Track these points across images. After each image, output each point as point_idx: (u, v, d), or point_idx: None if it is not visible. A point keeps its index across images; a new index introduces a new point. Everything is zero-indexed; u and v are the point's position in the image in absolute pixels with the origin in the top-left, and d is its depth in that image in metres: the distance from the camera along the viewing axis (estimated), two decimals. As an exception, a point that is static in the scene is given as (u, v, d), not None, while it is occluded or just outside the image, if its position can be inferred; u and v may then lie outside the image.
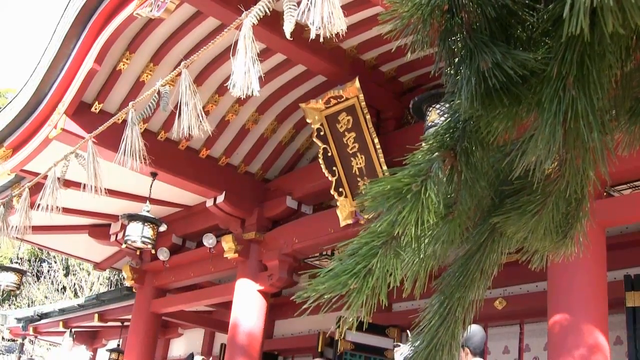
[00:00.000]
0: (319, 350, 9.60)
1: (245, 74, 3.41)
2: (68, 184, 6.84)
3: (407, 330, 9.18)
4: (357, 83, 6.87)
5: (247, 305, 8.67)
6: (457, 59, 1.16)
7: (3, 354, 28.99)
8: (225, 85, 3.61)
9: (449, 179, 1.16)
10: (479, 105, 1.11)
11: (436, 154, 1.16)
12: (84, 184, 4.70)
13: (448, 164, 1.17)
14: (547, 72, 1.03)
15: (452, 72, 1.19)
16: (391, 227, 1.10)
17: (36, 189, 5.47)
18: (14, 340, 22.44)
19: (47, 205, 4.97)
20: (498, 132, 1.13)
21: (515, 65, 1.04)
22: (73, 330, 11.88)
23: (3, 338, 25.36)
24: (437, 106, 5.84)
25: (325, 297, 1.09)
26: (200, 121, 3.95)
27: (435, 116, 5.80)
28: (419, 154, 1.18)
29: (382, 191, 1.11)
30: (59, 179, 5.17)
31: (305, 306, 1.10)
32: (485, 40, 1.07)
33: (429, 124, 5.85)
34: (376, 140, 7.02)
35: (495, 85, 1.08)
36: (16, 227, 5.60)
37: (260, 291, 8.71)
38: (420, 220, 1.09)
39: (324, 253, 9.07)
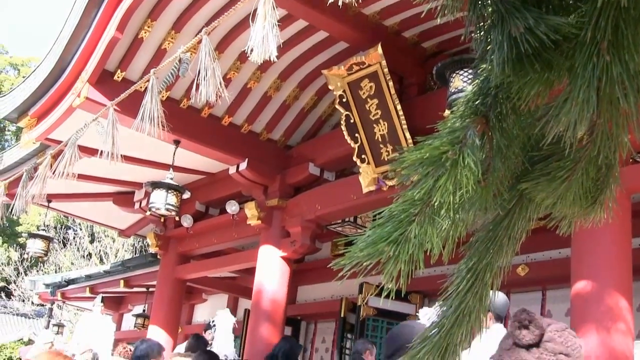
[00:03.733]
0: (342, 315, 9.69)
1: (263, 39, 3.40)
2: (92, 152, 6.91)
3: (429, 296, 9.23)
4: (379, 49, 6.82)
5: (271, 271, 8.74)
6: (487, 24, 1.15)
7: (33, 319, 29.55)
8: (246, 52, 3.60)
9: (481, 145, 1.16)
10: (510, 71, 1.10)
11: (468, 120, 1.15)
12: (101, 151, 4.74)
13: (480, 131, 1.16)
14: (580, 37, 1.02)
15: (482, 37, 1.18)
16: (428, 195, 1.10)
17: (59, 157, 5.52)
18: (43, 305, 22.86)
19: (64, 172, 5.02)
20: (530, 97, 1.12)
21: (548, 30, 1.03)
22: (102, 296, 12.06)
23: (33, 303, 25.85)
24: (461, 72, 5.78)
25: (364, 264, 1.10)
26: (219, 88, 3.96)
27: (459, 82, 5.75)
28: (449, 121, 1.18)
29: (419, 159, 1.11)
30: (79, 146, 5.21)
31: (341, 273, 1.11)
32: (516, 5, 1.06)
33: (453, 90, 5.80)
34: (399, 107, 6.99)
35: (527, 51, 1.07)
36: (33, 194, 5.67)
37: (283, 257, 8.77)
38: (458, 188, 1.09)
39: (347, 220, 9.09)
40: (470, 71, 5.65)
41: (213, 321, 9.24)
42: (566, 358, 1.71)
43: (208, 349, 7.26)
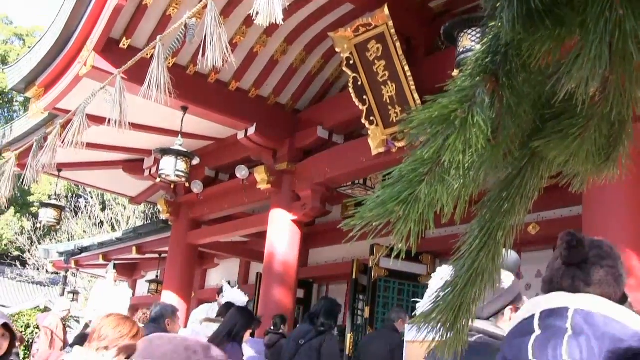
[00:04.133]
0: (354, 277, 9.75)
1: (268, 2, 3.37)
2: (100, 120, 6.91)
3: (440, 257, 9.26)
4: (386, 10, 6.75)
5: (282, 234, 8.79)
6: (497, -20, 1.13)
7: (49, 286, 29.91)
8: (252, 16, 3.57)
9: (491, 104, 1.14)
10: (520, 28, 1.09)
11: (477, 78, 1.14)
12: (109, 119, 4.74)
13: (490, 89, 1.15)
14: (592, -9, 1.01)
15: (492, -6, 1.16)
16: (437, 154, 1.09)
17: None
18: (57, 273, 23.11)
19: (73, 141, 5.02)
20: (540, 54, 1.11)
21: (559, -15, 1.02)
22: (115, 263, 12.19)
23: (47, 271, 26.14)
24: (469, 31, 5.71)
25: (373, 224, 1.09)
26: (226, 53, 3.93)
27: (467, 42, 5.69)
28: (459, 79, 1.17)
29: (428, 118, 1.10)
30: (87, 115, 5.21)
31: (351, 234, 1.11)
32: (526, -40, 1.04)
33: (461, 50, 5.74)
34: (406, 68, 6.94)
35: (538, 7, 1.05)
36: (43, 163, 5.68)
37: (294, 221, 8.80)
38: (467, 147, 1.09)
39: (357, 182, 9.10)
40: (478, 30, 5.59)
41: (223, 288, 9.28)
42: (611, 270, 1.92)
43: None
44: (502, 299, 2.75)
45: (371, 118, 7.40)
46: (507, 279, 2.77)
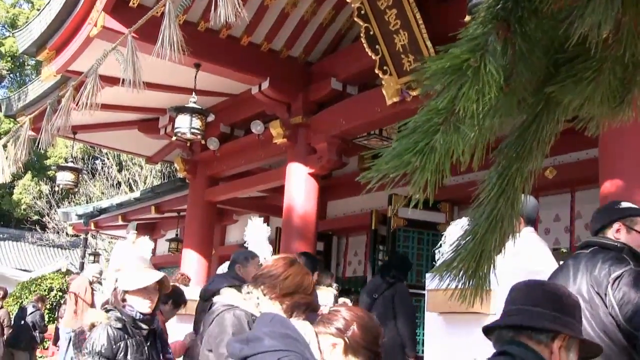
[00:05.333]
0: (373, 227, 9.80)
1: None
2: (113, 81, 6.90)
3: (459, 205, 9.28)
4: (395, -44, 6.66)
5: (299, 188, 8.82)
6: None
7: (69, 249, 30.25)
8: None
9: (503, 51, 1.15)
10: (531, -27, 1.09)
11: (489, 26, 1.14)
12: (122, 79, 4.75)
13: (502, 36, 1.15)
14: None
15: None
16: (452, 104, 1.10)
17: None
18: (77, 236, 23.34)
19: (87, 103, 5.03)
20: (552, -1, 1.10)
21: None
22: (136, 223, 12.28)
23: (67, 234, 26.40)
24: (481, -25, 5.62)
25: (391, 176, 1.11)
26: (237, 7, 3.90)
27: (479, -14, 5.61)
28: (471, 28, 1.17)
29: (441, 68, 1.11)
30: (100, 76, 5.21)
31: (369, 186, 1.12)
32: None
33: (473, -5, 5.66)
34: (418, 16, 6.86)
35: (548, -49, 1.05)
36: (58, 127, 5.70)
37: (310, 174, 8.82)
38: (481, 95, 1.09)
39: (373, 132, 9.09)
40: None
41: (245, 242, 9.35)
42: None
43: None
44: (609, 216, 3.20)
45: (384, 68, 7.35)
46: (624, 203, 3.29)
